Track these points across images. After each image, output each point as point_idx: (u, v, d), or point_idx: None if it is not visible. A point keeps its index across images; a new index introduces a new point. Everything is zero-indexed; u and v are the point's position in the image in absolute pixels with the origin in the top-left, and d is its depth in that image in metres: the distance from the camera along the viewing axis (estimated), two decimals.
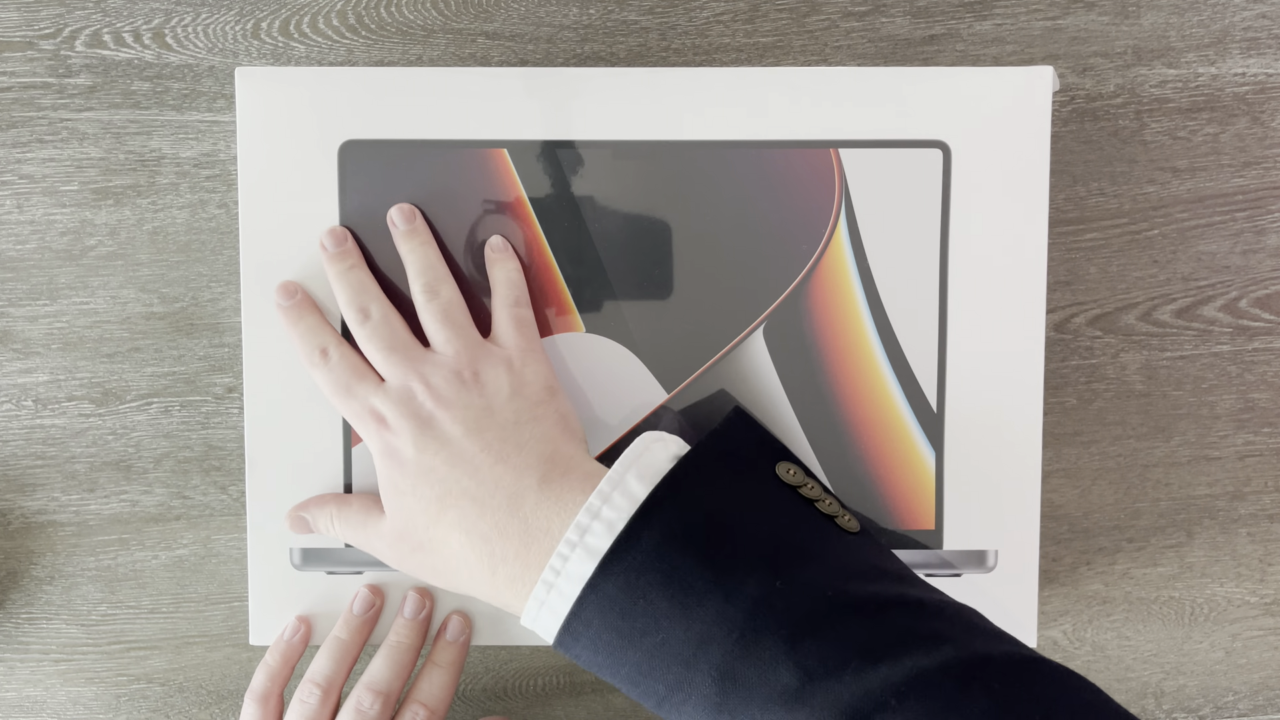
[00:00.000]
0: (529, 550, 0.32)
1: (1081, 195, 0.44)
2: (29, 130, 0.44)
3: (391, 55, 0.44)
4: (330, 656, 0.38)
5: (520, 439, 0.35)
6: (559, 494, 0.33)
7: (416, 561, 0.36)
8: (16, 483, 0.45)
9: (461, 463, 0.34)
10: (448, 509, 0.34)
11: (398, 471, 0.35)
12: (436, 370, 0.36)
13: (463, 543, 0.34)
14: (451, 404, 0.35)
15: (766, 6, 0.44)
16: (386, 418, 0.36)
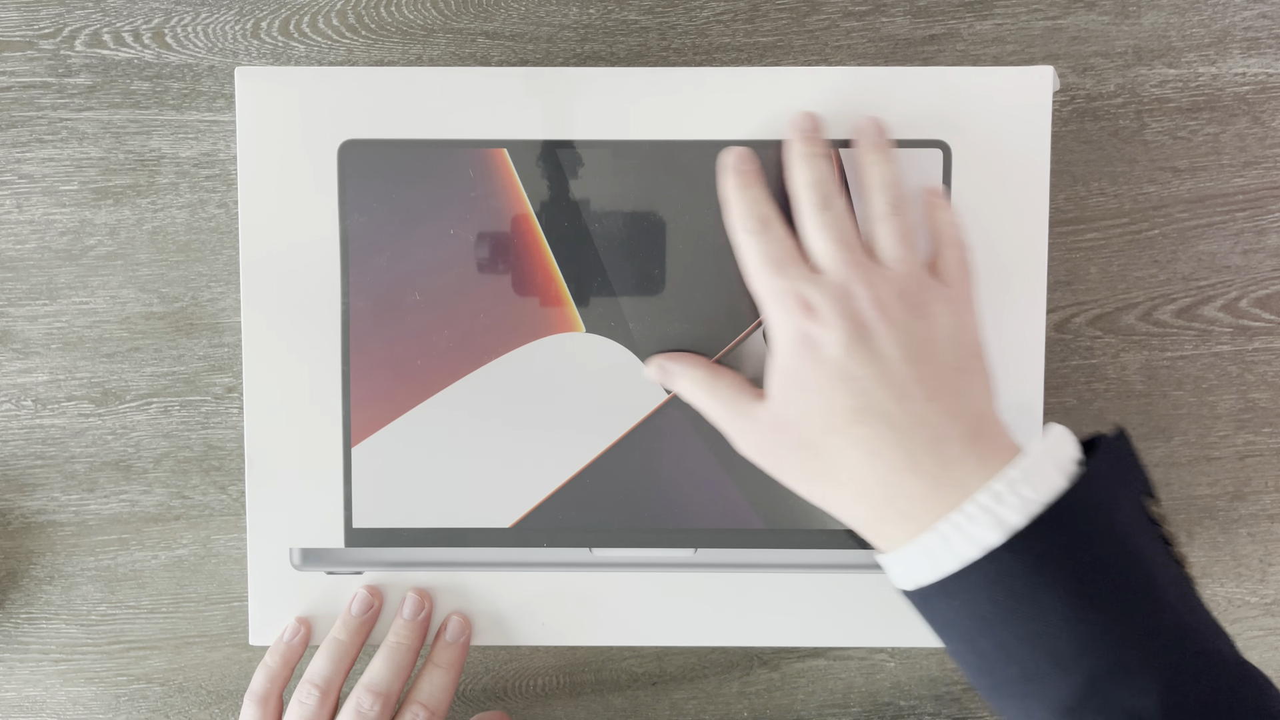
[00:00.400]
0: (934, 494, 0.32)
1: (1081, 195, 0.44)
2: (29, 130, 0.44)
3: (391, 55, 0.44)
4: (329, 657, 0.38)
5: (956, 385, 0.34)
6: (984, 455, 0.32)
7: (789, 458, 0.35)
8: (16, 483, 0.45)
9: (891, 384, 0.33)
10: (860, 424, 0.33)
11: (810, 366, 0.34)
12: (884, 282, 0.34)
13: (864, 462, 0.33)
14: (894, 322, 0.34)
15: (766, 6, 0.44)
16: (817, 307, 0.34)
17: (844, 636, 0.40)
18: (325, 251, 0.39)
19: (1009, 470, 0.31)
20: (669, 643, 0.40)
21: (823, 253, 0.35)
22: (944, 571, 0.31)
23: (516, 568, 0.40)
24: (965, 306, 0.36)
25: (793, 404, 0.35)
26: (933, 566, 0.32)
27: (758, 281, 0.36)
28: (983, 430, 0.33)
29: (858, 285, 0.34)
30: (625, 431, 0.39)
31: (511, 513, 0.40)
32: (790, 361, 0.34)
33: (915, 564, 0.32)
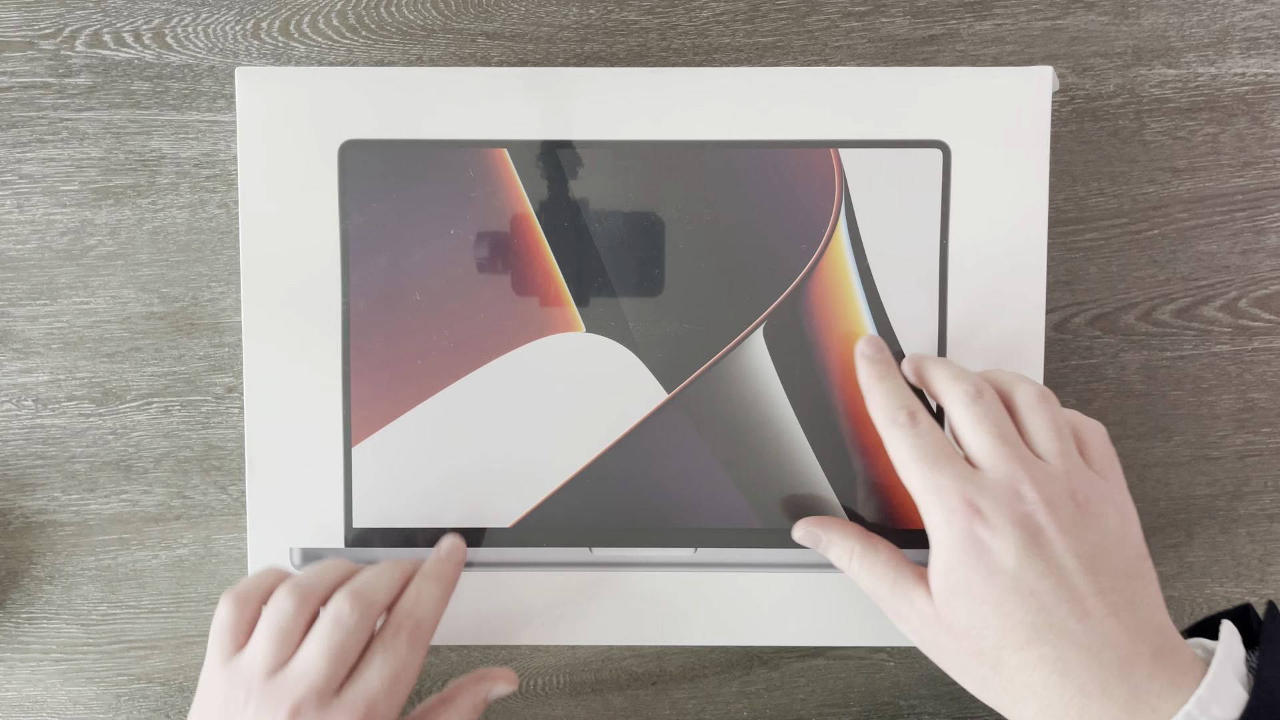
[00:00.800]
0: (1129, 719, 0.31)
1: (1081, 195, 0.44)
2: (29, 130, 0.44)
3: (391, 55, 0.44)
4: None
5: (1133, 596, 0.32)
6: (1172, 675, 0.31)
7: (962, 663, 0.34)
8: (16, 482, 0.45)
9: (1071, 599, 0.32)
10: (1042, 642, 0.32)
11: (982, 575, 0.32)
12: (1050, 481, 0.33)
13: (1050, 683, 0.32)
14: (1067, 526, 0.32)
15: (766, 6, 0.44)
16: (984, 510, 0.32)
17: (844, 636, 0.40)
18: (325, 251, 0.39)
19: (1202, 692, 0.30)
20: (669, 642, 0.40)
21: (981, 448, 0.34)
22: None
23: (516, 568, 0.40)
24: (1126, 501, 0.34)
25: (963, 613, 0.33)
26: None
27: (914, 478, 0.34)
28: (1165, 645, 0.32)
29: (1025, 485, 0.32)
30: (625, 431, 0.39)
31: (511, 513, 0.40)
32: (958, 566, 0.33)
33: None
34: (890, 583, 0.35)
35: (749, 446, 0.39)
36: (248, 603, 0.36)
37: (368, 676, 0.35)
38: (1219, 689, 0.31)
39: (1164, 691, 0.31)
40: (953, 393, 0.35)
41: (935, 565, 0.34)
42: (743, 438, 0.39)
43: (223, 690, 0.35)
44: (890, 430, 0.35)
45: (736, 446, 0.39)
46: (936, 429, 0.35)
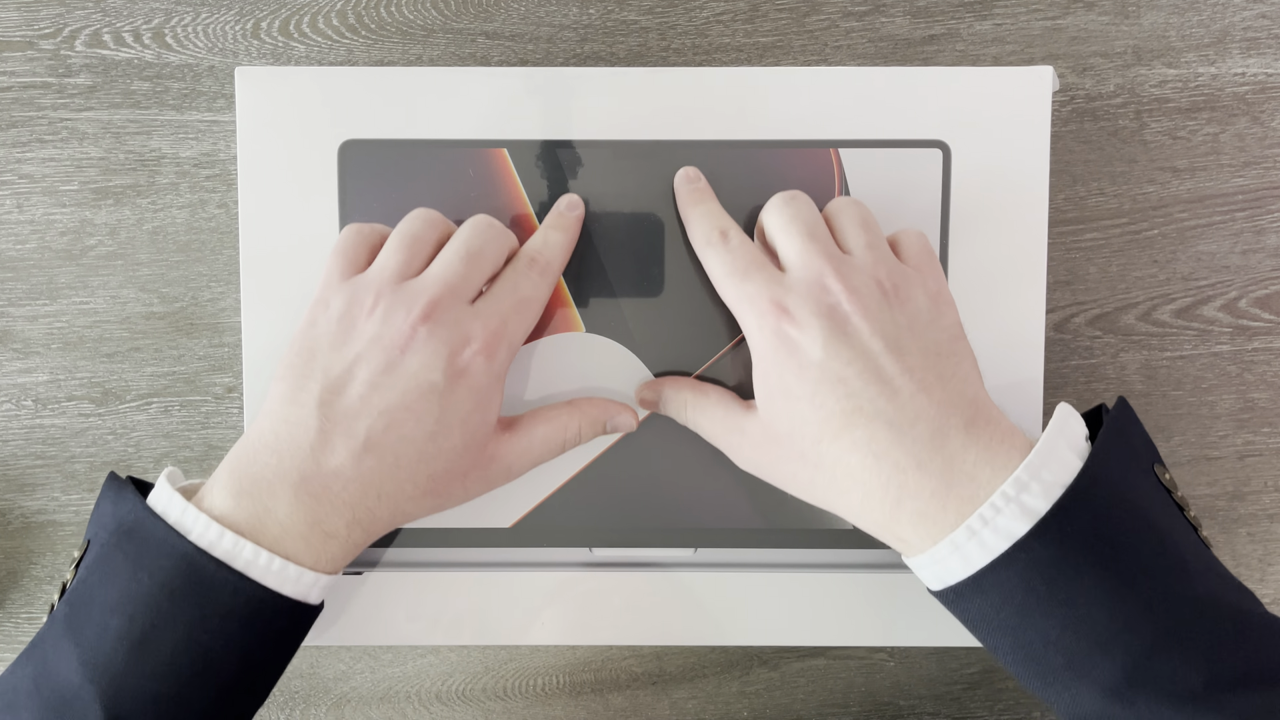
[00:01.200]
0: (949, 491, 0.31)
1: (1081, 195, 0.44)
2: (29, 130, 0.44)
3: (391, 55, 0.44)
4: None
5: (941, 371, 0.32)
6: (986, 442, 0.31)
7: (789, 469, 0.34)
8: (16, 482, 0.45)
9: (879, 380, 0.32)
10: (854, 427, 0.32)
11: (794, 371, 0.33)
12: (854, 271, 0.33)
13: (866, 465, 0.32)
14: (872, 312, 0.32)
15: (766, 6, 0.44)
16: (791, 309, 0.33)
17: (844, 636, 0.40)
18: (325, 251, 0.39)
19: (1032, 458, 0.30)
20: (669, 642, 0.40)
21: (790, 248, 0.34)
22: (974, 567, 0.31)
23: (516, 568, 0.40)
24: (940, 288, 0.35)
25: (781, 414, 0.33)
26: (963, 564, 0.31)
27: (728, 291, 0.35)
28: (979, 415, 0.32)
29: (829, 278, 0.33)
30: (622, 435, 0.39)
31: (511, 513, 0.40)
32: (772, 369, 0.33)
33: (944, 563, 0.31)
34: (720, 419, 0.36)
35: None
36: (372, 233, 0.36)
37: (500, 293, 0.35)
38: (1050, 457, 0.31)
39: (980, 459, 0.31)
40: (770, 203, 0.36)
41: (755, 373, 0.34)
42: None
43: (343, 301, 0.34)
44: (705, 251, 0.36)
45: None
46: (749, 243, 0.35)
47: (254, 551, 0.31)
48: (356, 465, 0.33)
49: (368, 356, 0.33)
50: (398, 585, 0.40)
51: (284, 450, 0.32)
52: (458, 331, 0.33)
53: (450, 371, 0.33)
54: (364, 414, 0.33)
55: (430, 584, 0.40)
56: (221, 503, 0.32)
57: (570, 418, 0.37)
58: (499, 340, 0.34)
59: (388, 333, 0.33)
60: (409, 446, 0.33)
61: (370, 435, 0.33)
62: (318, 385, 0.33)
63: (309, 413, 0.33)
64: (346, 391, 0.33)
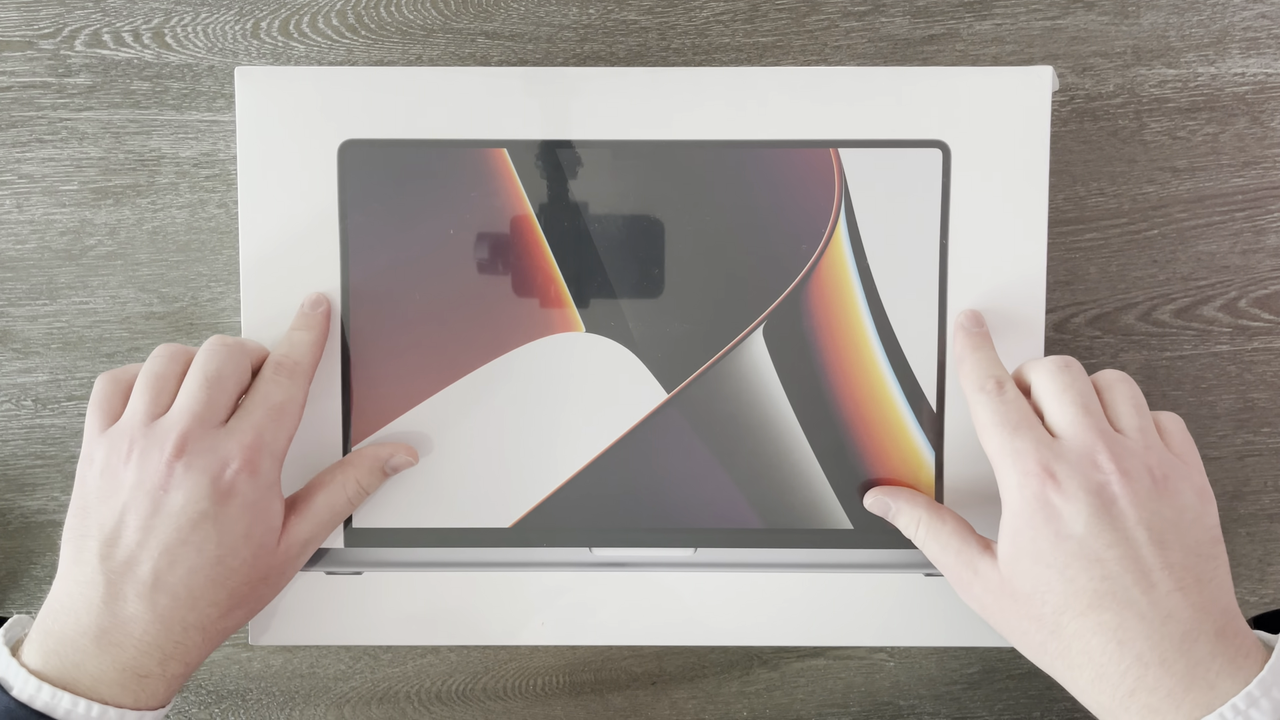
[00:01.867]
0: (1185, 694, 0.31)
1: (1081, 195, 0.44)
2: (29, 130, 0.44)
3: (391, 55, 0.44)
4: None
5: (1201, 574, 0.32)
6: (1233, 655, 0.31)
7: (1021, 628, 0.34)
8: (16, 482, 0.45)
9: (1138, 570, 0.31)
10: (1103, 610, 0.32)
11: (1049, 540, 0.32)
12: (1128, 454, 0.33)
13: (1108, 650, 0.31)
14: (1141, 500, 0.32)
15: (766, 6, 0.44)
16: (1059, 476, 0.32)
17: (844, 636, 0.40)
18: (325, 252, 0.39)
19: (1265, 674, 0.30)
20: (669, 642, 0.40)
21: (1063, 416, 0.34)
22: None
23: (516, 568, 0.40)
24: (1204, 485, 0.34)
25: (1027, 576, 0.33)
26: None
27: (994, 442, 0.34)
28: (1229, 626, 0.32)
29: (1103, 456, 0.32)
30: (625, 431, 0.39)
31: (511, 513, 0.40)
32: (1025, 530, 0.33)
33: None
34: (955, 551, 0.36)
35: (749, 446, 0.39)
36: (124, 377, 0.37)
37: (251, 406, 0.36)
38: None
39: (1224, 670, 0.31)
40: (1041, 364, 0.36)
41: (1005, 527, 0.34)
42: (743, 438, 0.39)
43: (103, 453, 0.35)
44: (976, 396, 0.36)
45: (736, 446, 0.39)
46: (1022, 399, 0.35)
47: (72, 701, 0.32)
48: (151, 608, 0.33)
49: (133, 503, 0.34)
50: (397, 585, 0.40)
51: (79, 609, 0.33)
52: (214, 457, 0.34)
53: (216, 496, 0.34)
54: (144, 558, 0.33)
55: (430, 584, 0.40)
56: (35, 660, 0.33)
57: (345, 474, 0.38)
58: (258, 453, 0.35)
59: (146, 476, 0.34)
60: (198, 576, 0.34)
61: (157, 576, 0.33)
62: (95, 541, 0.34)
63: (93, 570, 0.33)
64: (122, 540, 0.34)
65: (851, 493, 0.39)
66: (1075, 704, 0.34)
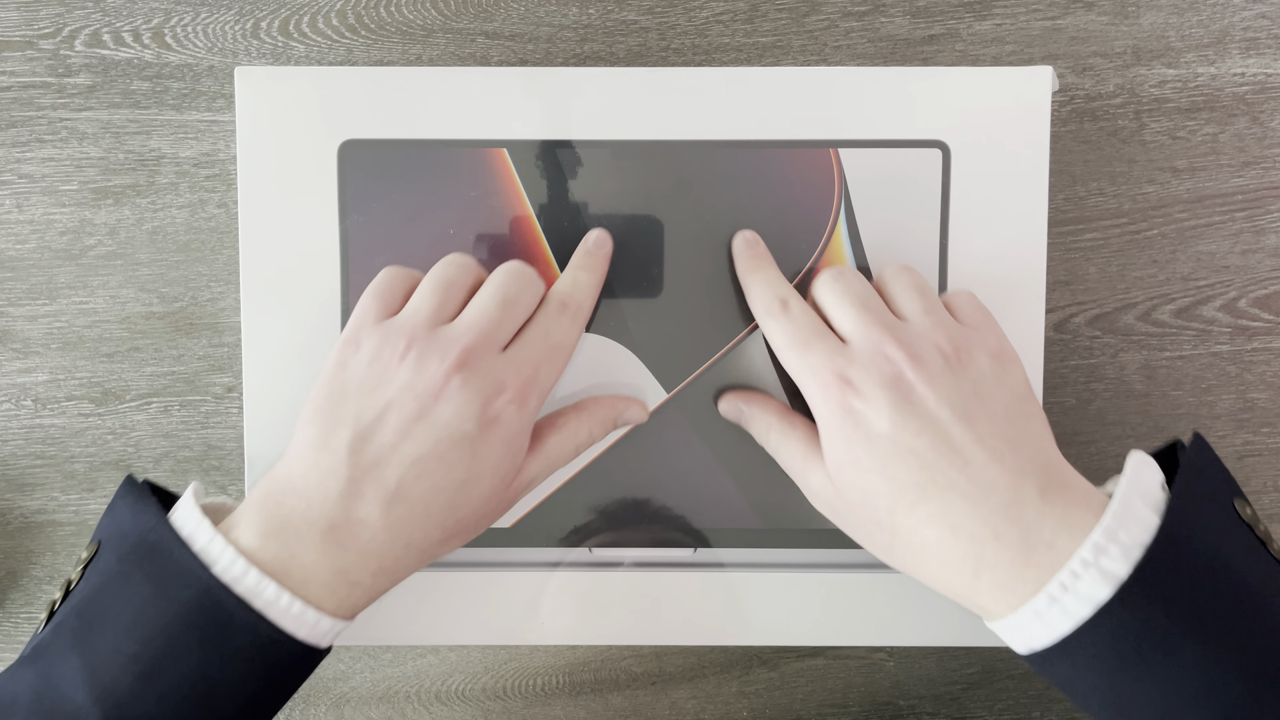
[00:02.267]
0: (1027, 560, 0.31)
1: (1081, 195, 0.44)
2: (28, 130, 0.44)
3: (391, 55, 0.44)
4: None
5: (1012, 437, 0.32)
6: (1063, 508, 0.31)
7: (863, 533, 0.34)
8: (16, 482, 0.45)
9: (950, 451, 0.31)
10: (928, 500, 0.31)
11: (862, 445, 0.32)
12: (914, 338, 0.33)
13: (942, 539, 0.31)
14: (936, 380, 0.32)
15: (766, 6, 0.44)
16: (854, 381, 0.32)
17: (844, 636, 0.40)
18: (325, 251, 0.39)
19: (1108, 520, 0.30)
20: (668, 642, 0.40)
21: (846, 319, 0.34)
22: (1059, 633, 0.30)
23: (516, 568, 0.40)
24: (1000, 343, 0.34)
25: (853, 485, 0.33)
26: (1046, 630, 0.30)
27: (790, 361, 0.34)
28: (1053, 481, 0.32)
29: (890, 346, 0.33)
30: (625, 431, 0.39)
31: (511, 513, 0.40)
32: (840, 441, 0.33)
33: (1027, 630, 0.31)
34: (802, 458, 0.35)
35: (749, 446, 0.39)
36: (409, 278, 0.36)
37: (533, 340, 0.35)
38: (1126, 516, 0.30)
39: (1057, 527, 0.31)
40: (819, 277, 0.36)
41: (823, 443, 0.34)
42: (743, 438, 0.39)
43: (375, 344, 0.34)
44: (766, 320, 0.36)
45: (736, 446, 0.39)
46: (810, 313, 0.35)
47: (276, 592, 0.31)
48: (385, 515, 0.32)
49: (400, 403, 0.33)
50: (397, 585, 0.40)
51: (313, 496, 0.32)
52: (491, 380, 0.33)
53: (483, 421, 0.33)
54: (395, 463, 0.32)
55: (430, 584, 0.40)
56: (248, 540, 0.31)
57: (580, 422, 0.37)
58: (531, 388, 0.34)
59: (420, 380, 0.33)
60: (439, 496, 0.33)
61: (401, 485, 0.32)
62: (348, 431, 0.33)
63: (339, 459, 0.32)
64: (377, 439, 0.33)
65: None
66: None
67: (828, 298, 0.35)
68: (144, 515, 0.32)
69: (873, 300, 0.34)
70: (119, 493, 0.33)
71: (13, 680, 0.31)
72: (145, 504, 0.32)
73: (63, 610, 0.32)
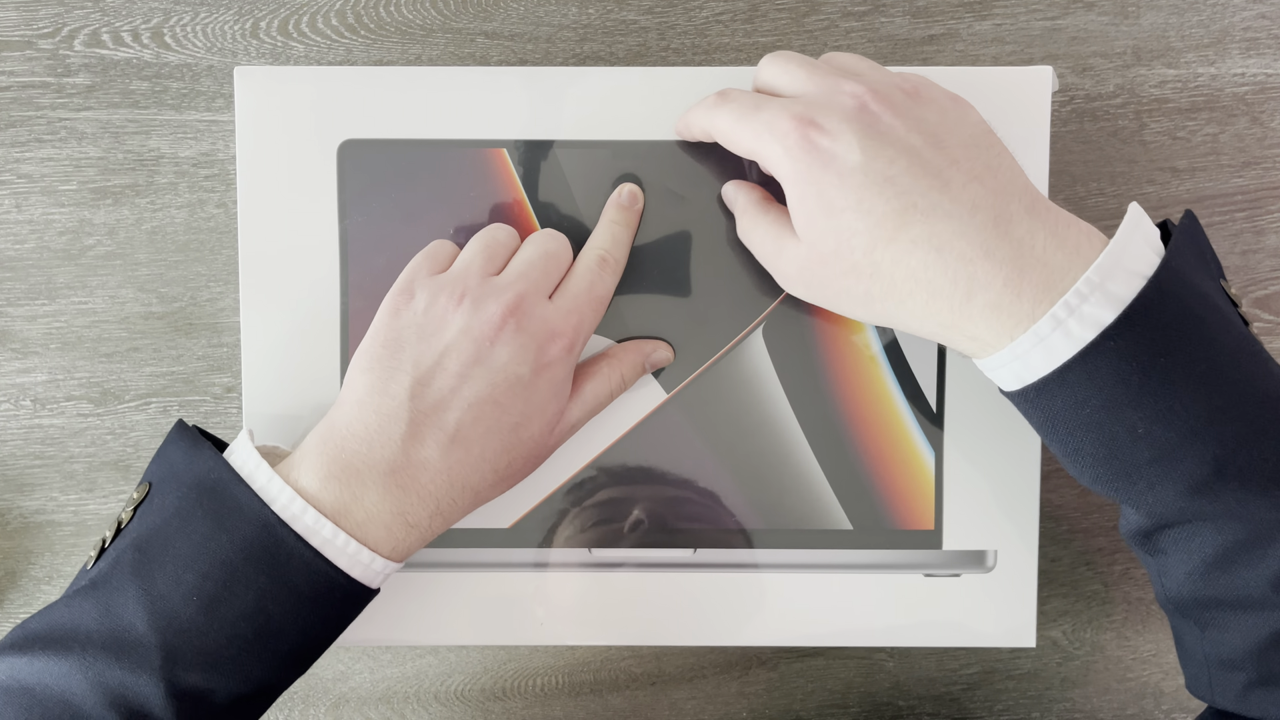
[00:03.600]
0: (1022, 278, 0.29)
1: (1081, 195, 0.44)
2: (28, 129, 0.44)
3: (390, 55, 0.44)
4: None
5: (989, 161, 0.31)
6: (1053, 226, 0.30)
7: (839, 287, 0.33)
8: (15, 482, 0.45)
9: (927, 174, 0.30)
10: (911, 224, 0.30)
11: (834, 184, 0.31)
12: (870, 78, 0.32)
13: (929, 263, 0.30)
14: (901, 109, 0.31)
15: (766, 6, 0.44)
16: (817, 119, 0.31)
17: (844, 636, 0.40)
18: (324, 251, 0.39)
19: (1112, 245, 0.29)
20: (668, 643, 0.40)
21: (794, 78, 0.33)
22: (1060, 359, 0.29)
23: (516, 568, 0.40)
24: (953, 93, 0.33)
25: (826, 232, 0.32)
26: (1046, 356, 0.29)
27: (742, 133, 0.33)
28: (1038, 201, 0.31)
29: (847, 84, 0.32)
30: (625, 431, 0.39)
31: (510, 513, 0.40)
32: (809, 188, 0.31)
33: (1025, 358, 0.29)
34: (774, 239, 0.35)
35: (749, 446, 0.39)
36: (454, 246, 0.37)
37: (578, 290, 0.36)
38: (1130, 248, 0.29)
39: (1049, 243, 0.30)
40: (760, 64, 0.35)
41: (790, 199, 0.33)
42: (743, 438, 0.39)
43: (429, 294, 0.35)
44: (708, 116, 0.35)
45: (736, 446, 0.39)
46: (748, 91, 0.35)
47: (333, 531, 0.32)
48: (444, 458, 0.33)
49: (457, 347, 0.34)
50: (397, 585, 0.40)
51: (375, 440, 0.33)
52: (544, 326, 0.35)
53: (537, 365, 0.34)
54: (453, 406, 0.33)
55: (429, 584, 0.40)
56: (309, 482, 0.33)
57: (611, 368, 0.38)
58: (578, 335, 0.36)
59: (477, 324, 0.34)
60: (494, 438, 0.34)
61: (459, 428, 0.33)
62: (408, 377, 0.34)
63: (400, 404, 0.33)
64: (435, 383, 0.34)
65: (850, 493, 0.39)
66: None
67: (770, 69, 0.35)
68: (199, 459, 0.33)
69: (818, 62, 0.34)
70: (170, 438, 0.34)
71: (72, 609, 0.32)
72: (200, 448, 0.33)
73: (117, 545, 0.32)
